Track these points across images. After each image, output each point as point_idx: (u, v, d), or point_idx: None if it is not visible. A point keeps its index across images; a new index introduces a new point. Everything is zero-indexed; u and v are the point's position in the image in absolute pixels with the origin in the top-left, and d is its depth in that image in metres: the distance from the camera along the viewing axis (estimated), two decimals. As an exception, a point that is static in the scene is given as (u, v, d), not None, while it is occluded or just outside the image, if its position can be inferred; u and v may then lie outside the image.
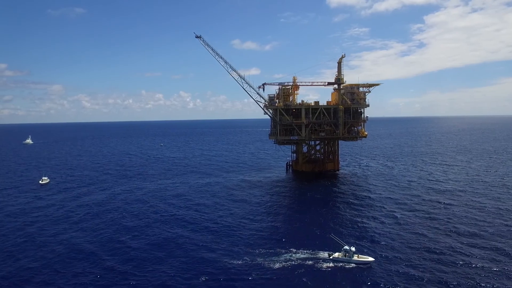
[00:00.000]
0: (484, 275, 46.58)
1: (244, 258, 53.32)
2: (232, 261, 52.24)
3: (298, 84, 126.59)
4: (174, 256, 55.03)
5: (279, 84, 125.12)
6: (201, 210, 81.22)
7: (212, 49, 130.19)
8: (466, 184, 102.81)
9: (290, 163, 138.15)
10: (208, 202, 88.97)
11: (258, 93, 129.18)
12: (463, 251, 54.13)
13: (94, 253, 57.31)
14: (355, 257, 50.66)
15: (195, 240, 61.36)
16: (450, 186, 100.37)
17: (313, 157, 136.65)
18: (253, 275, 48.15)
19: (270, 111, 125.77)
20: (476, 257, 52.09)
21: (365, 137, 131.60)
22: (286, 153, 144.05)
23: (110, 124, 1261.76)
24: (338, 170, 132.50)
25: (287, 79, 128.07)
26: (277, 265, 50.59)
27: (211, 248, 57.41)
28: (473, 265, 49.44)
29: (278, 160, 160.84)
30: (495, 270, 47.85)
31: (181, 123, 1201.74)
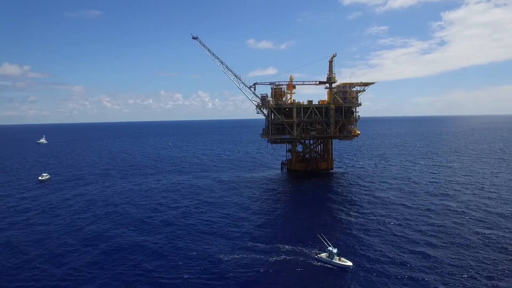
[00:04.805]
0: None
1: (232, 253, 55.04)
2: (219, 257, 53.94)
3: (291, 83, 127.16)
4: (165, 252, 56.80)
5: (270, 83, 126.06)
6: (193, 207, 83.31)
7: (208, 50, 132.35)
8: (462, 186, 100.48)
9: (285, 162, 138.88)
10: (200, 199, 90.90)
11: (254, 93, 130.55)
12: (453, 260, 51.38)
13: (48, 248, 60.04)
14: (336, 259, 51.05)
15: (182, 237, 62.97)
16: (445, 188, 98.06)
17: (307, 156, 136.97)
18: (238, 269, 49.85)
19: (264, 110, 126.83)
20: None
21: (357, 136, 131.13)
22: (279, 152, 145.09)
23: (130, 124, 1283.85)
24: (332, 169, 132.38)
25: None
26: (263, 261, 52.29)
27: (200, 244, 59.16)
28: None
29: (276, 159, 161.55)
30: (482, 275, 46.81)
31: (200, 123, 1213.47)
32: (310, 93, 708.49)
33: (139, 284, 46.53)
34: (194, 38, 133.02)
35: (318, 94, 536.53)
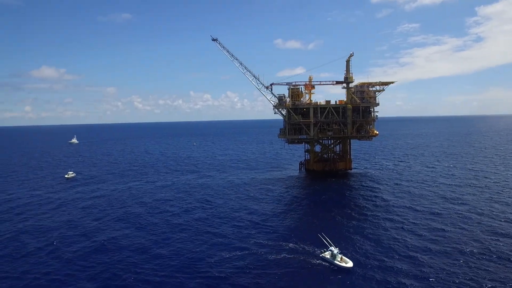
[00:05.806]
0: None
1: (231, 252, 56.24)
2: (219, 255, 55.15)
3: (309, 83, 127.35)
4: (164, 250, 58.40)
5: (287, 84, 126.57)
6: (199, 207, 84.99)
7: (227, 51, 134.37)
8: (479, 190, 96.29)
9: (303, 162, 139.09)
10: (208, 199, 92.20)
11: (272, 93, 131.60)
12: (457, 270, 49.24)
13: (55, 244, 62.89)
14: (338, 259, 51.29)
15: (183, 236, 64.62)
16: (460, 192, 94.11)
17: (325, 156, 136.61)
18: (237, 268, 50.75)
19: (282, 110, 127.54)
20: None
21: (376, 136, 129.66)
22: (296, 153, 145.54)
23: (161, 125, 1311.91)
24: (351, 169, 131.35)
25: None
26: (263, 260, 53.25)
27: (201, 243, 60.47)
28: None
29: (293, 159, 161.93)
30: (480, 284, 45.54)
31: (229, 123, 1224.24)
32: (337, 93, 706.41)
33: (132, 280, 47.87)
34: (213, 40, 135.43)
35: (344, 94, 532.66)
